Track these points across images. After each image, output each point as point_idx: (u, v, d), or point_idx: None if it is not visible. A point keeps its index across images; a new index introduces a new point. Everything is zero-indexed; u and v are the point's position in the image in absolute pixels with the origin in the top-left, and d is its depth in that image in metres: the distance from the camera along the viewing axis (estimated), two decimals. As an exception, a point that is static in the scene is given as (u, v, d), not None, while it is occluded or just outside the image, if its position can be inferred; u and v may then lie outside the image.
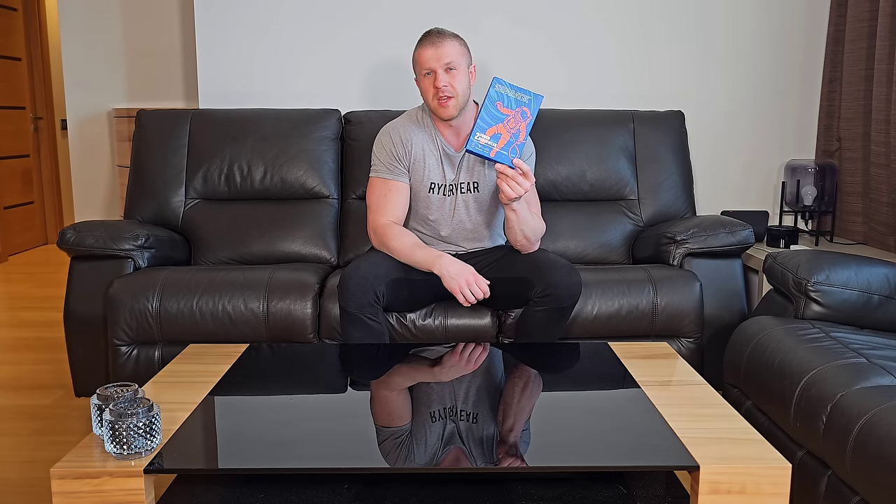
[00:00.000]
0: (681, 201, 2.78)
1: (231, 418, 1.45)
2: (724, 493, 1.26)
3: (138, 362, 2.26)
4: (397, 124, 2.26)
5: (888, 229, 2.65)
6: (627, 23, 3.02)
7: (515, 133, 1.92)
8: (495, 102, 1.90)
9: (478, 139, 1.91)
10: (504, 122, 1.91)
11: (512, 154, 1.94)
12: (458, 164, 2.23)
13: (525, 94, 1.92)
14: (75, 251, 2.36)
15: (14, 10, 5.41)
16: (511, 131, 1.92)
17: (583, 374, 1.74)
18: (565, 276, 2.02)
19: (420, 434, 1.37)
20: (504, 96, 1.91)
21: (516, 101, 1.92)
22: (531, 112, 1.93)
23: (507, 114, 1.91)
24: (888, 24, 2.61)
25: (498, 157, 1.93)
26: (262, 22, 3.02)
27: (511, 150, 1.93)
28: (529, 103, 1.93)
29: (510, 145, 1.92)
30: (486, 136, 1.91)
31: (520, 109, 1.92)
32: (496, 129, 1.91)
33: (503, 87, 1.91)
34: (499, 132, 1.91)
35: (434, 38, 2.15)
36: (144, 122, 2.81)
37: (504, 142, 1.92)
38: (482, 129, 1.91)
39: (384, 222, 2.19)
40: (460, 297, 2.04)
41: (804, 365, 1.66)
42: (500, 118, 1.91)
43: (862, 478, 1.38)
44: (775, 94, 3.08)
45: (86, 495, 1.25)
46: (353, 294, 2.00)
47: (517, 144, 1.93)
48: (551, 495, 1.44)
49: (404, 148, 2.22)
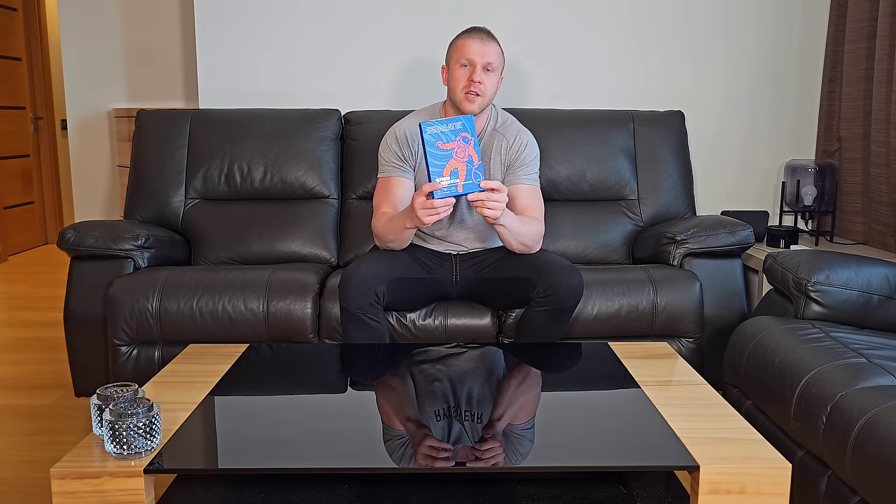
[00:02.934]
0: (681, 201, 2.78)
1: (231, 418, 1.45)
2: (724, 493, 1.26)
3: (138, 362, 2.26)
4: (405, 124, 2.27)
5: (888, 229, 2.65)
6: (628, 23, 3.02)
7: (468, 160, 1.92)
8: (434, 144, 1.89)
9: (440, 185, 1.89)
10: (453, 156, 1.90)
11: (476, 179, 1.93)
12: None
13: (455, 122, 1.91)
14: (75, 251, 2.36)
15: (14, 10, 5.41)
16: (463, 160, 1.91)
17: (583, 374, 1.74)
18: (567, 276, 2.02)
19: (420, 434, 1.37)
20: (438, 135, 1.90)
21: (452, 132, 1.90)
22: (470, 133, 1.92)
23: (450, 148, 1.90)
24: (888, 24, 2.61)
25: (467, 189, 1.92)
26: (262, 22, 3.02)
27: (474, 176, 1.93)
28: (464, 126, 1.92)
29: (470, 173, 1.92)
30: (445, 179, 1.89)
31: (459, 137, 1.91)
32: (449, 166, 1.90)
33: (433, 127, 1.89)
34: (454, 167, 1.91)
35: (483, 35, 2.18)
36: (144, 122, 2.81)
37: (463, 173, 1.91)
38: (438, 174, 1.89)
39: (377, 216, 2.20)
40: (432, 219, 1.96)
41: (804, 365, 1.66)
42: (447, 155, 1.90)
43: (862, 478, 1.38)
44: (775, 94, 3.08)
45: (86, 495, 1.25)
46: (353, 294, 2.00)
47: (476, 168, 1.93)
48: (551, 495, 1.44)
49: (410, 149, 2.22)
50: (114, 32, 3.64)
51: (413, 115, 2.32)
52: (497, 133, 2.27)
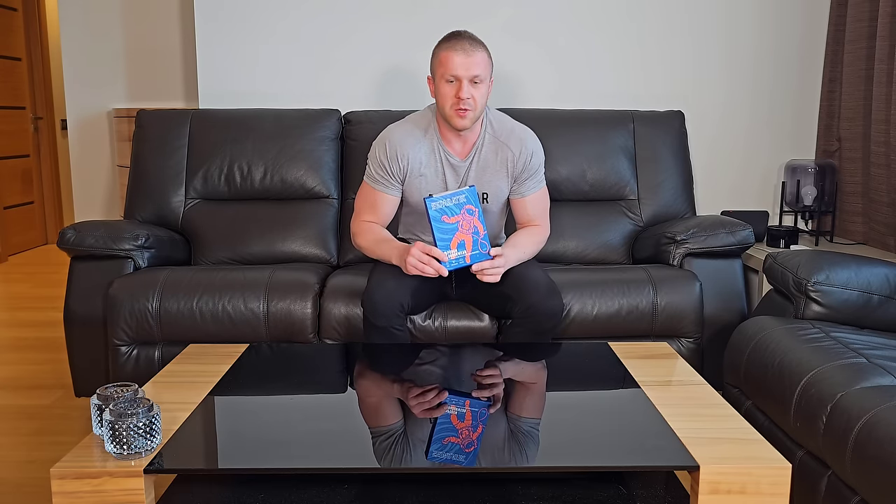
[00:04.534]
0: (681, 201, 2.78)
1: (231, 418, 1.45)
2: (724, 493, 1.26)
3: (138, 362, 2.26)
4: (397, 136, 2.17)
5: (888, 229, 2.65)
6: (627, 23, 3.02)
7: (474, 231, 1.95)
8: (440, 218, 1.92)
9: (450, 258, 1.92)
10: (459, 228, 1.93)
11: (483, 248, 1.97)
12: (465, 173, 2.17)
13: (459, 195, 1.95)
14: (75, 251, 2.36)
15: (14, 10, 5.41)
16: (469, 232, 1.95)
17: (583, 374, 1.74)
18: (544, 297, 2.00)
19: (419, 433, 1.37)
20: (443, 209, 1.93)
21: (456, 206, 1.94)
22: (474, 205, 1.96)
23: (455, 221, 1.93)
24: (888, 25, 2.61)
25: (475, 260, 1.95)
26: (261, 22, 3.02)
27: (480, 246, 1.96)
28: (468, 199, 1.96)
29: (477, 243, 1.96)
30: (453, 251, 1.93)
31: (463, 210, 1.95)
32: (456, 238, 1.93)
33: (437, 203, 1.92)
34: (461, 240, 1.94)
35: (466, 46, 2.05)
36: (144, 122, 2.81)
37: (470, 244, 1.95)
38: (446, 248, 1.92)
39: (359, 221, 2.20)
40: (416, 273, 1.96)
41: (804, 365, 1.66)
42: (453, 228, 1.93)
43: (862, 478, 1.38)
44: (775, 94, 3.08)
45: (86, 495, 1.25)
46: (380, 307, 1.98)
47: (482, 239, 1.97)
48: (551, 495, 1.44)
49: (399, 164, 2.15)
50: (114, 32, 3.64)
51: (410, 121, 2.22)
52: (499, 143, 2.18)
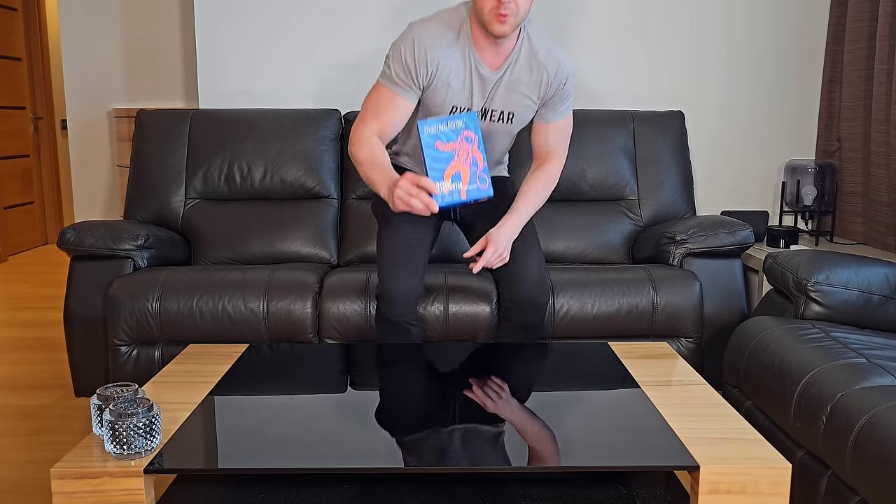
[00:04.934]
0: (681, 201, 2.78)
1: (231, 418, 1.45)
2: (724, 493, 1.26)
3: (138, 362, 2.26)
4: (428, 36, 1.91)
5: (888, 229, 2.65)
6: (628, 23, 3.02)
7: (472, 162, 1.71)
8: (433, 145, 1.69)
9: (441, 190, 1.67)
10: (454, 157, 1.70)
11: (482, 183, 1.73)
12: (494, 88, 1.97)
13: (457, 120, 1.72)
14: (75, 251, 2.36)
15: (14, 10, 5.41)
16: (466, 162, 1.71)
17: (583, 374, 1.74)
18: (530, 290, 2.00)
19: (420, 434, 1.37)
20: (437, 135, 1.70)
21: (453, 132, 1.71)
22: (473, 132, 1.73)
23: (451, 149, 1.69)
24: (888, 25, 2.61)
25: (472, 196, 1.70)
26: (261, 22, 3.02)
27: (479, 180, 1.73)
28: (467, 125, 1.72)
29: (475, 177, 1.71)
30: (446, 183, 1.69)
31: (461, 137, 1.71)
32: (450, 169, 1.69)
33: (431, 127, 1.70)
34: (456, 171, 1.70)
35: None
36: (144, 122, 2.81)
37: (467, 177, 1.71)
38: (438, 178, 1.68)
39: (367, 132, 1.92)
40: (401, 209, 1.71)
41: (804, 365, 1.66)
42: (448, 157, 1.69)
43: (862, 478, 1.38)
44: (775, 94, 3.08)
45: (86, 495, 1.25)
46: (397, 305, 1.95)
47: (481, 171, 1.73)
48: (551, 495, 1.44)
49: (427, 69, 1.91)
50: (114, 32, 3.64)
51: (442, 19, 1.95)
52: (535, 60, 1.97)
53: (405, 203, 1.66)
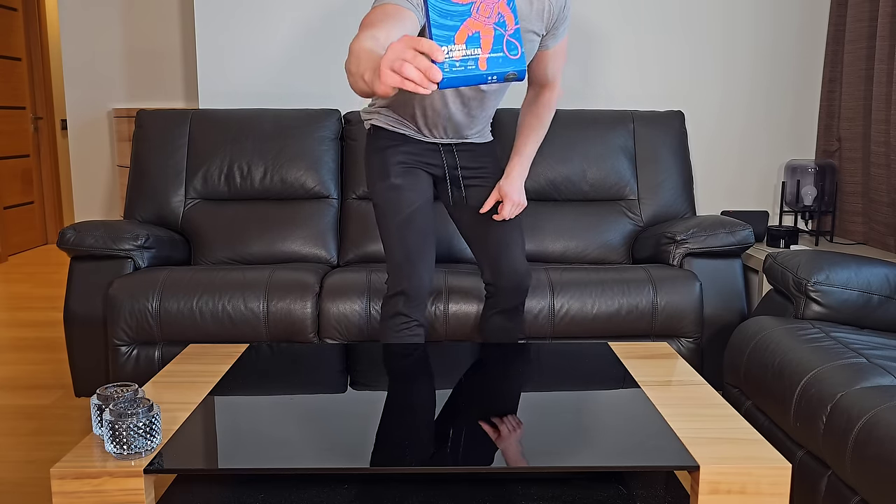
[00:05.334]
0: (681, 201, 2.78)
1: (231, 418, 1.45)
2: (724, 493, 1.26)
3: (138, 362, 2.26)
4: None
5: (888, 229, 2.65)
6: (627, 22, 3.02)
7: (499, 21, 1.13)
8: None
9: (449, 56, 1.09)
10: (472, 12, 1.13)
11: (512, 53, 1.12)
12: None
13: None
14: (75, 251, 2.36)
15: (14, 10, 5.41)
16: (489, 20, 1.13)
17: (583, 374, 1.74)
18: (515, 275, 2.00)
19: (419, 434, 1.37)
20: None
21: None
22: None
23: (469, 1, 1.13)
24: (888, 25, 2.61)
25: (496, 66, 1.11)
26: (262, 22, 3.02)
27: (507, 47, 1.12)
28: None
29: (500, 42, 1.12)
30: (458, 48, 1.10)
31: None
32: (466, 28, 1.12)
33: None
34: (474, 30, 1.12)
35: None
36: (144, 122, 2.81)
37: (490, 40, 1.12)
38: (447, 40, 1.10)
39: (365, 36, 1.44)
40: (391, 83, 1.10)
41: (804, 365, 1.66)
42: (464, 11, 1.12)
43: (862, 478, 1.38)
44: (775, 94, 3.08)
45: (86, 495, 1.25)
46: (419, 306, 1.93)
47: (509, 35, 1.13)
48: (551, 495, 1.44)
49: None
50: (114, 32, 3.64)
51: None
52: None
53: (397, 71, 1.06)
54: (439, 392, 1.59)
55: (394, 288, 1.93)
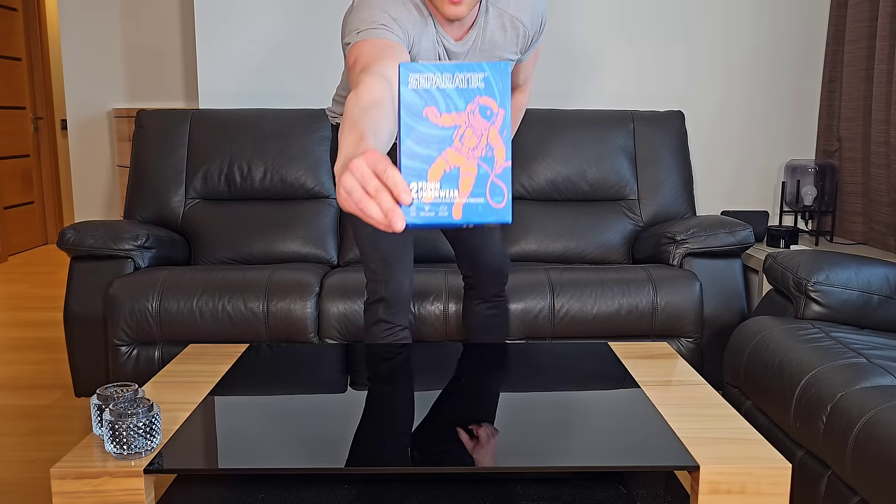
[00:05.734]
0: (681, 201, 2.78)
1: (231, 418, 1.45)
2: (724, 493, 1.26)
3: (138, 362, 2.26)
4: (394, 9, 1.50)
5: (888, 229, 2.64)
6: (627, 22, 3.02)
7: (486, 155, 0.91)
8: (420, 112, 0.90)
9: (419, 197, 0.90)
10: (453, 141, 0.91)
11: (496, 200, 0.91)
12: (464, 58, 1.69)
13: (474, 70, 0.91)
14: (75, 251, 2.36)
15: (14, 9, 5.41)
16: (475, 153, 0.91)
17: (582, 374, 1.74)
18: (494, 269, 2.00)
19: (419, 434, 1.37)
20: (431, 92, 0.90)
21: (461, 94, 0.91)
22: (497, 98, 0.91)
23: (453, 124, 0.91)
24: (888, 25, 2.61)
25: (473, 215, 0.91)
26: (261, 22, 3.02)
27: (493, 194, 0.91)
28: (487, 84, 0.91)
29: (483, 185, 0.91)
30: (431, 186, 0.90)
31: (474, 104, 0.91)
32: (444, 161, 0.90)
33: (421, 74, 0.90)
34: (453, 165, 0.91)
35: None
36: (144, 122, 2.81)
37: (470, 182, 0.91)
38: (418, 175, 0.90)
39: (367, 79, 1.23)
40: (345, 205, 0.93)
41: (804, 365, 1.66)
42: (445, 137, 0.91)
43: (862, 478, 1.38)
44: (775, 94, 3.08)
45: (86, 495, 1.25)
46: (402, 311, 1.90)
47: (496, 176, 0.91)
48: (551, 495, 1.44)
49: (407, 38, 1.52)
50: (114, 32, 3.63)
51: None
52: (506, 16, 1.66)
53: (354, 204, 0.89)
54: (439, 392, 1.59)
55: (373, 295, 1.87)
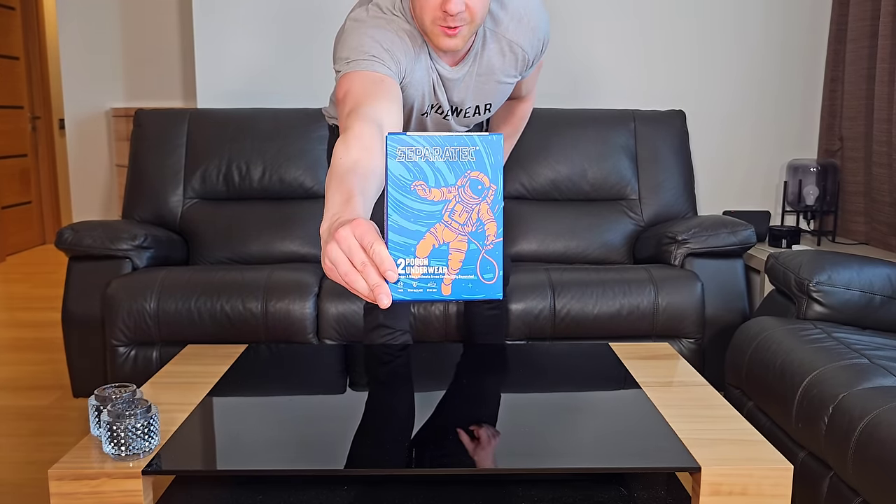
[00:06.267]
0: (682, 201, 2.77)
1: (229, 419, 1.45)
2: (725, 494, 1.25)
3: (136, 363, 2.25)
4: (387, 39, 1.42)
5: (890, 229, 2.64)
6: (628, 22, 3.01)
7: (476, 231, 0.89)
8: (409, 186, 0.88)
9: (406, 273, 0.88)
10: (443, 216, 0.88)
11: (486, 276, 0.89)
12: (461, 87, 1.60)
13: (465, 143, 0.87)
14: (73, 251, 2.35)
15: (12, 9, 5.40)
16: (464, 231, 0.89)
17: (583, 374, 1.74)
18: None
19: (419, 435, 1.36)
20: (419, 166, 0.87)
21: (452, 167, 0.88)
22: (489, 173, 0.88)
23: (442, 199, 0.88)
24: (890, 24, 2.60)
25: (459, 294, 0.90)
26: (260, 21, 3.01)
27: (484, 270, 0.89)
28: (479, 157, 0.88)
29: (474, 261, 0.89)
30: (419, 262, 0.88)
31: (465, 179, 0.88)
32: (432, 237, 0.89)
33: (410, 149, 0.87)
34: (442, 242, 0.89)
35: None
36: (143, 122, 2.80)
37: (460, 258, 0.89)
38: (406, 251, 0.88)
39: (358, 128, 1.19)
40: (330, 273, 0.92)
41: (806, 365, 1.65)
42: (434, 213, 0.88)
43: (864, 479, 1.37)
44: (777, 94, 3.07)
45: (84, 496, 1.24)
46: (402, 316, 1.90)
47: (487, 252, 0.89)
48: (551, 497, 1.43)
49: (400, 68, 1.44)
50: (112, 32, 3.63)
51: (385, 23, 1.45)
52: (505, 41, 1.56)
53: (340, 277, 0.88)
54: (439, 393, 1.58)
55: None
